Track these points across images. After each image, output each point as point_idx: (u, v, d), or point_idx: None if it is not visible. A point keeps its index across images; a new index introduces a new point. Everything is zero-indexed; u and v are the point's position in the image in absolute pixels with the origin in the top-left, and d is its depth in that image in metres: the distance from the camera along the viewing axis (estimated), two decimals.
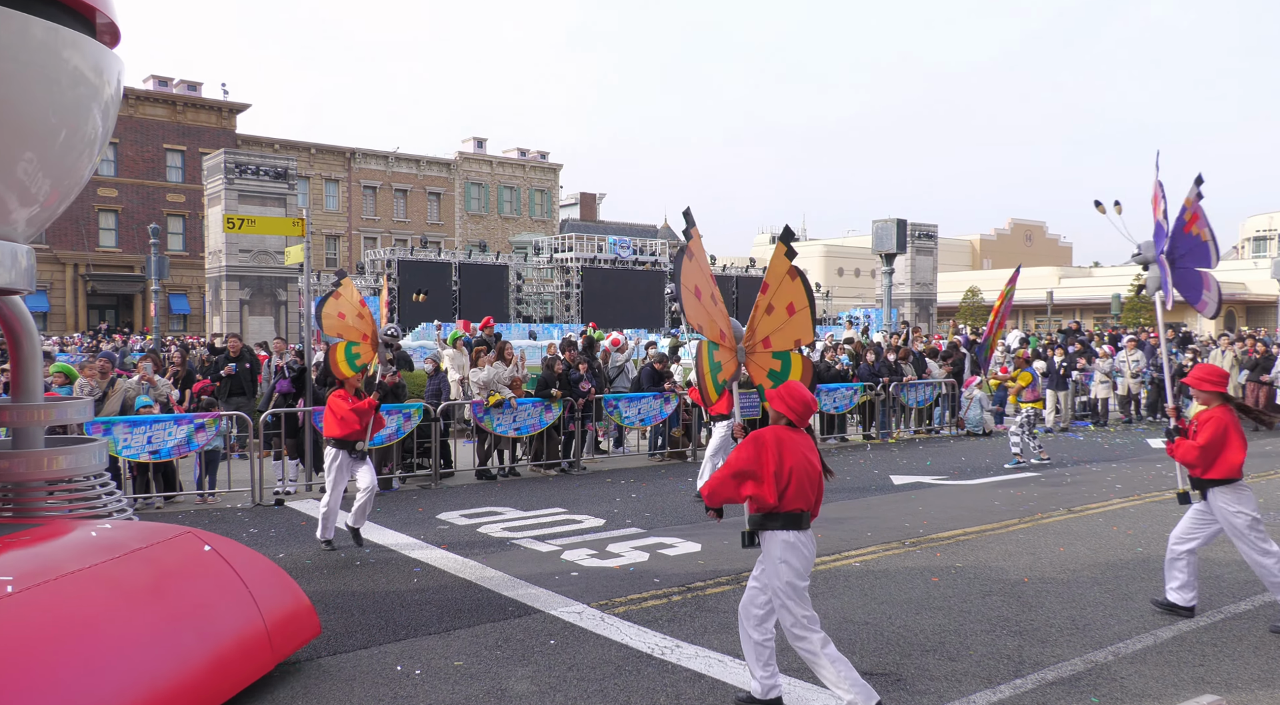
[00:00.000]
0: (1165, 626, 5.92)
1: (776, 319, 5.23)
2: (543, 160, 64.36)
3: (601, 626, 5.93)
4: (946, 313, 58.35)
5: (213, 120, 49.75)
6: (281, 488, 10.82)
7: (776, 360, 5.29)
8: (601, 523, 9.18)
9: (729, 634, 5.76)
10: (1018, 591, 6.71)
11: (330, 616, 6.18)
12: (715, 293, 5.18)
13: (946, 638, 5.71)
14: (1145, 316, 53.86)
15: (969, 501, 10.30)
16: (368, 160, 56.76)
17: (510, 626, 5.97)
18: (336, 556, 7.91)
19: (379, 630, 5.91)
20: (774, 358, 5.29)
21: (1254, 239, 70.45)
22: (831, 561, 7.59)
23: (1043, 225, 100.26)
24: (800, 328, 5.26)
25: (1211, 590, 6.76)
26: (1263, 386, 17.04)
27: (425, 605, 6.45)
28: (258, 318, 26.12)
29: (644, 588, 6.83)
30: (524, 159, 63.35)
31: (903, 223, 20.41)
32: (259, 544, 8.39)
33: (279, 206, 25.82)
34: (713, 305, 5.13)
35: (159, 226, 28.36)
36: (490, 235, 60.18)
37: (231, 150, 27.40)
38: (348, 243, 55.92)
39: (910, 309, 36.20)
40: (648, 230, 68.71)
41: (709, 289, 5.14)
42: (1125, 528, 8.88)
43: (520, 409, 12.12)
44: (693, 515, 9.57)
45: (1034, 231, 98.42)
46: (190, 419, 10.27)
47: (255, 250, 26.05)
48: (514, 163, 62.72)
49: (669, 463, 13.64)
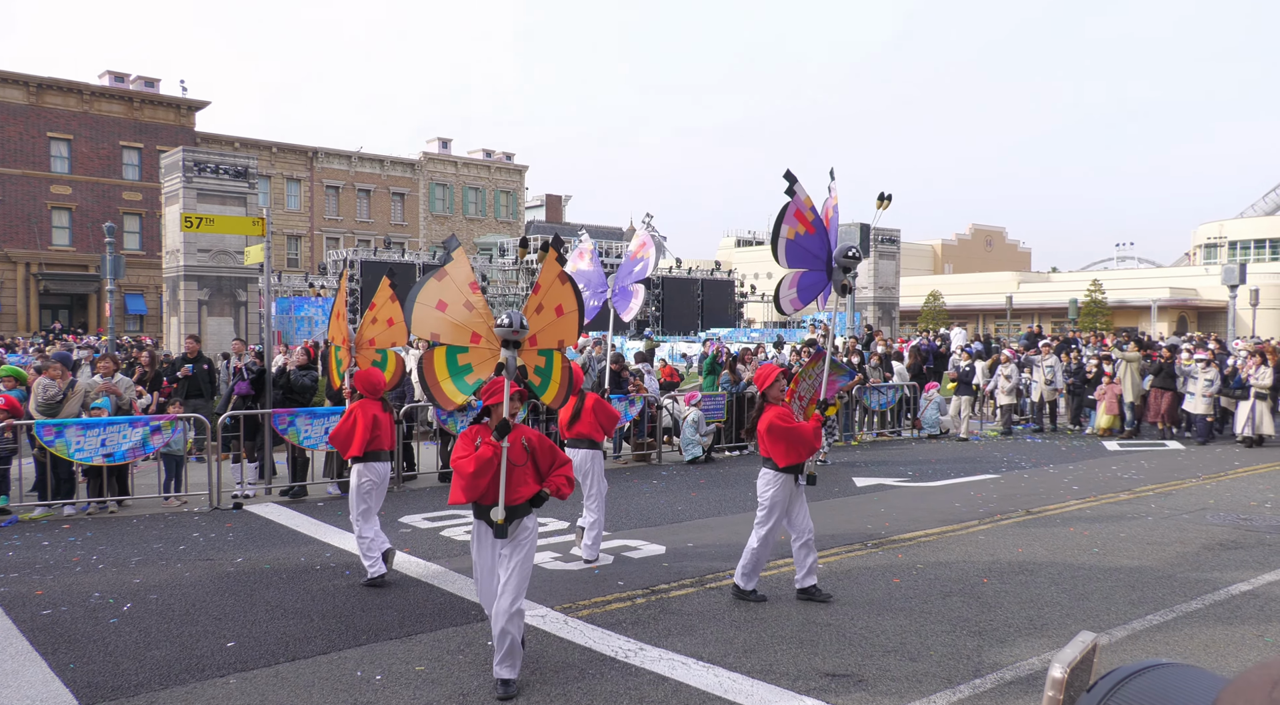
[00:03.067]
0: (1119, 626, 6.03)
1: (544, 318, 5.56)
2: (508, 161, 64.07)
3: (565, 630, 5.90)
4: (909, 316, 59.10)
5: (171, 117, 48.85)
6: (240, 491, 10.65)
7: (541, 357, 5.65)
8: (566, 525, 9.14)
9: (693, 636, 5.77)
10: (977, 592, 6.80)
11: (289, 622, 6.09)
12: (472, 300, 5.36)
13: (907, 638, 5.76)
14: (1100, 321, 54.96)
15: (930, 503, 10.41)
16: (330, 160, 56.10)
17: (473, 630, 5.92)
18: (296, 560, 7.79)
19: (339, 635, 5.83)
20: (539, 355, 5.63)
21: (1205, 246, 72.17)
22: None
23: (1003, 230, 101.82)
24: (566, 329, 5.63)
25: (1165, 590, 6.90)
26: (1166, 393, 16.43)
27: (386, 609, 6.37)
28: (216, 318, 25.66)
29: (608, 590, 6.81)
30: (489, 160, 63.02)
31: (866, 227, 20.59)
32: (216, 548, 8.25)
33: (239, 206, 25.41)
34: (467, 313, 5.35)
35: (114, 225, 27.82)
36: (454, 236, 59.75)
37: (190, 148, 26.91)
38: (309, 243, 55.21)
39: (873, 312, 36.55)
40: (614, 233, 68.69)
41: (462, 299, 5.32)
42: (1082, 529, 9.04)
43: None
44: (657, 518, 9.57)
45: (994, 237, 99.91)
46: (146, 421, 10.07)
47: (214, 250, 25.60)
48: (479, 164, 62.37)
49: (634, 465, 13.63)
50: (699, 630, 5.90)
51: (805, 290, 6.82)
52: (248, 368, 11.15)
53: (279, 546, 8.36)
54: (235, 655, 5.46)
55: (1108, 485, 11.62)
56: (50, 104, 45.32)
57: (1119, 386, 17.06)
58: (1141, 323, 55.60)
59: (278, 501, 10.64)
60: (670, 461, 13.90)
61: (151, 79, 49.05)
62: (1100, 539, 8.60)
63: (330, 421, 10.89)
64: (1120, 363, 17.14)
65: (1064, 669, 1.24)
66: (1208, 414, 16.01)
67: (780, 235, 6.52)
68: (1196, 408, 16.04)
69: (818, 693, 4.88)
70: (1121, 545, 8.31)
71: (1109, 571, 7.42)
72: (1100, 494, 10.97)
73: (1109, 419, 17.05)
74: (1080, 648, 2.98)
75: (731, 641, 5.68)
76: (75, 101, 45.91)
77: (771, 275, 78.80)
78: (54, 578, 7.23)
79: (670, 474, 12.71)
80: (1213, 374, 15.89)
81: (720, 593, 6.76)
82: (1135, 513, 9.81)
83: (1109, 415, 17.03)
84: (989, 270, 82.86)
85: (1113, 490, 11.21)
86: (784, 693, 4.85)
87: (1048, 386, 17.90)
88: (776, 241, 6.53)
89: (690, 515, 9.73)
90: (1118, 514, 9.72)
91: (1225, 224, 69.60)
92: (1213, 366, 15.98)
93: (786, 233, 6.56)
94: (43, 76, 44.84)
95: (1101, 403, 17.23)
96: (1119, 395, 17.05)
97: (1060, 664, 1.23)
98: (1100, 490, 11.23)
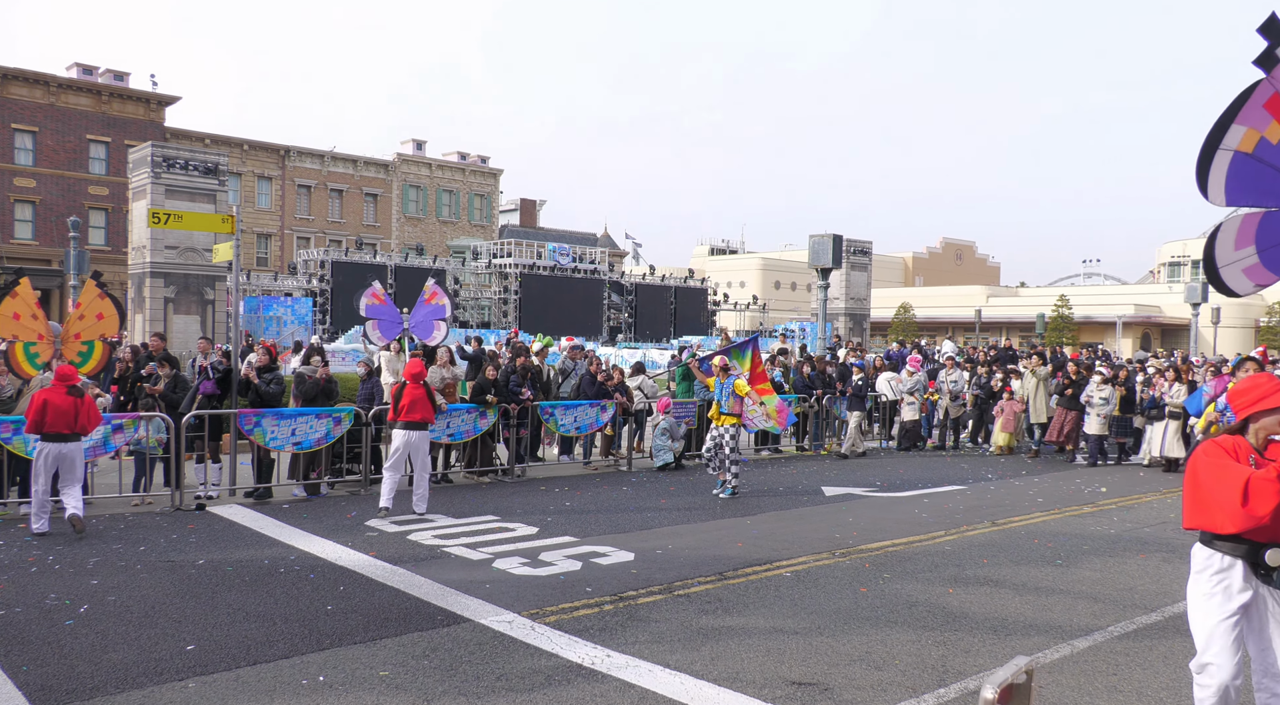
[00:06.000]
0: (1081, 637, 6.11)
1: (88, 322, 9.86)
2: (483, 165, 63.88)
3: (532, 636, 5.88)
4: (880, 328, 59.60)
5: (140, 112, 48.16)
6: (204, 492, 10.50)
7: (85, 346, 9.92)
8: (534, 531, 9.11)
9: (661, 644, 5.77)
10: (942, 602, 6.86)
11: (251, 625, 6.01)
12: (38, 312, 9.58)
13: (873, 647, 5.80)
14: (1067, 335, 55.81)
15: (897, 513, 10.50)
16: (303, 158, 55.60)
17: (438, 636, 5.88)
18: (260, 564, 7.70)
19: (301, 640, 5.76)
20: (83, 344, 9.87)
21: (1169, 264, 73.60)
22: (763, 571, 7.66)
23: (973, 245, 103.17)
24: (107, 327, 10.26)
25: (1125, 602, 7.01)
26: (1071, 412, 15.49)
27: (351, 614, 6.31)
28: (183, 317, 25.33)
29: (576, 597, 6.79)
30: (464, 162, 62.79)
31: (839, 238, 20.72)
32: (178, 550, 8.12)
33: (208, 203, 25.12)
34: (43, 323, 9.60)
35: (79, 219, 27.35)
36: (428, 239, 59.43)
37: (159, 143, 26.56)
38: (280, 242, 54.65)
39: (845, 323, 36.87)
40: (588, 238, 68.72)
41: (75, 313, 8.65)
42: (1045, 541, 9.16)
43: (454, 415, 11.97)
44: (627, 524, 9.56)
45: (964, 251, 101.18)
46: (109, 419, 9.90)
47: (182, 247, 25.29)
48: (454, 166, 62.11)
49: (604, 471, 13.61)
50: (666, 637, 5.90)
51: None
52: (213, 367, 11.01)
53: (242, 548, 8.25)
54: (195, 659, 5.38)
55: (1072, 498, 11.78)
56: (15, 95, 44.52)
57: (1018, 404, 16.36)
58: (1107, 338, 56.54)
59: (242, 503, 10.50)
60: (640, 468, 13.89)
61: (121, 72, 48.37)
62: (1064, 551, 8.72)
63: (298, 422, 10.79)
64: (1028, 378, 16.35)
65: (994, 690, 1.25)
66: (1101, 434, 15.20)
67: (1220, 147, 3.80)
68: (1091, 428, 15.24)
69: (784, 701, 4.90)
70: (1084, 557, 8.43)
71: (1071, 583, 7.52)
72: (1064, 507, 11.12)
73: (1006, 437, 16.34)
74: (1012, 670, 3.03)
75: (699, 649, 5.68)
76: (41, 93, 45.13)
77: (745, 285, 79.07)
78: (8, 578, 7.08)
79: (640, 480, 12.71)
80: (1108, 392, 15.07)
81: (688, 600, 6.77)
82: (1098, 525, 9.96)
83: (1005, 433, 16.33)
84: (959, 284, 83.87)
85: (1077, 503, 11.37)
86: (750, 700, 4.86)
87: (953, 402, 17.16)
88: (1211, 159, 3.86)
89: (660, 522, 9.73)
90: (1081, 527, 9.86)
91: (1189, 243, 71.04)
92: (1109, 385, 15.13)
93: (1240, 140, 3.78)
94: (8, 67, 44.07)
95: (999, 419, 16.47)
96: (1018, 412, 16.36)
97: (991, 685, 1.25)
98: (1064, 503, 11.39)
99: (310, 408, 11.09)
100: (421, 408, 9.78)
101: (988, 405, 17.18)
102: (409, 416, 9.74)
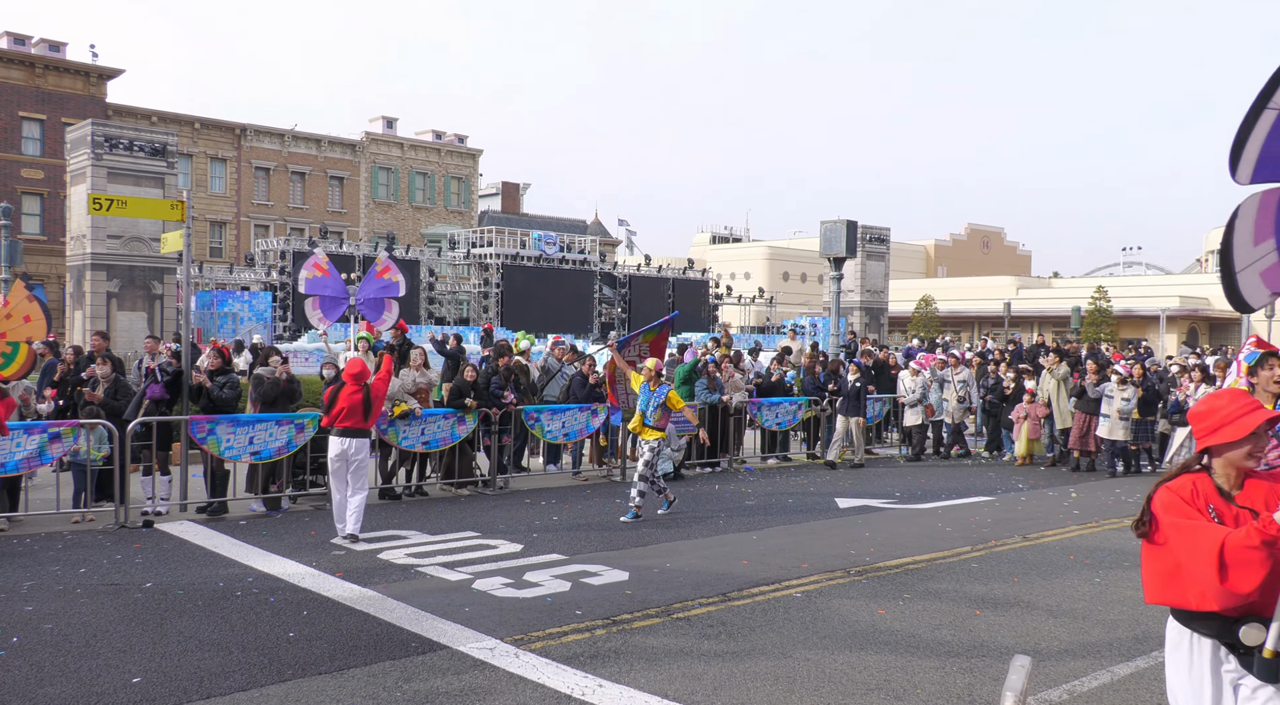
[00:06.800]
0: (1122, 663, 6.13)
1: (15, 322, 9.86)
2: (460, 145, 63.88)
3: (515, 664, 5.88)
4: (899, 323, 59.74)
5: (79, 86, 48.04)
6: (151, 507, 10.47)
7: (10, 347, 9.76)
8: (518, 548, 9.11)
9: (658, 671, 5.76)
10: (969, 625, 6.87)
11: (204, 654, 6.00)
12: None
13: (893, 675, 5.81)
14: (1105, 331, 55.97)
15: (918, 527, 10.51)
16: (261, 138, 55.54)
17: (412, 665, 5.87)
18: (214, 586, 7.68)
19: (261, 670, 5.75)
20: (7, 345, 9.73)
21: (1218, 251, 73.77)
22: (771, 591, 7.66)
23: (1001, 231, 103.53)
24: (34, 330, 10.08)
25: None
26: (1091, 417, 15.12)
27: (316, 641, 6.30)
28: (128, 313, 25.26)
29: (564, 620, 6.79)
30: (439, 142, 62.77)
31: (853, 224, 20.79)
32: (123, 572, 8.10)
33: (155, 187, 25.07)
34: None
35: (10, 206, 27.28)
36: (400, 226, 59.41)
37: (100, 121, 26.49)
38: (235, 230, 54.59)
39: (860, 318, 36.97)
40: (576, 225, 68.77)
41: None
42: (1082, 557, 9.18)
43: (429, 420, 11.96)
44: (620, 541, 9.56)
45: (991, 238, 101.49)
46: (43, 427, 9.87)
47: (126, 236, 25.23)
48: (428, 146, 62.09)
49: (596, 482, 13.61)
50: (665, 665, 5.90)
51: None
52: (161, 368, 10.97)
53: (194, 569, 8.23)
54: (141, 692, 5.36)
55: (1111, 510, 11.81)
56: None
57: (1041, 407, 15.88)
58: (1149, 334, 56.73)
59: (194, 519, 10.48)
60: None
61: (57, 43, 48.25)
62: (1102, 568, 8.74)
63: (256, 430, 10.77)
64: (1046, 379, 15.99)
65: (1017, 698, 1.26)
66: (1125, 441, 14.89)
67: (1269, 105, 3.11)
68: (1111, 433, 14.85)
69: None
70: (1126, 575, 8.44)
71: (1112, 604, 7.54)
72: (1103, 519, 11.15)
73: (1028, 444, 15.91)
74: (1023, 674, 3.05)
75: (700, 677, 5.68)
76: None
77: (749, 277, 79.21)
78: None
79: None
80: (1129, 393, 14.69)
81: (689, 623, 6.77)
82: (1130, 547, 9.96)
83: (1029, 440, 15.87)
84: (986, 274, 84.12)
85: (1116, 515, 11.40)
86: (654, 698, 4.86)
87: (959, 405, 16.86)
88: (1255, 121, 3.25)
89: (657, 538, 9.74)
90: (1121, 541, 9.88)
91: None
92: (1130, 385, 14.75)
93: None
94: None
95: (1021, 426, 15.96)
96: (1044, 417, 15.88)
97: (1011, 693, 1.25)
98: (1103, 515, 11.42)
99: (270, 413, 11.07)
100: (359, 414, 9.50)
101: (1000, 409, 16.77)
102: (345, 422, 9.50)
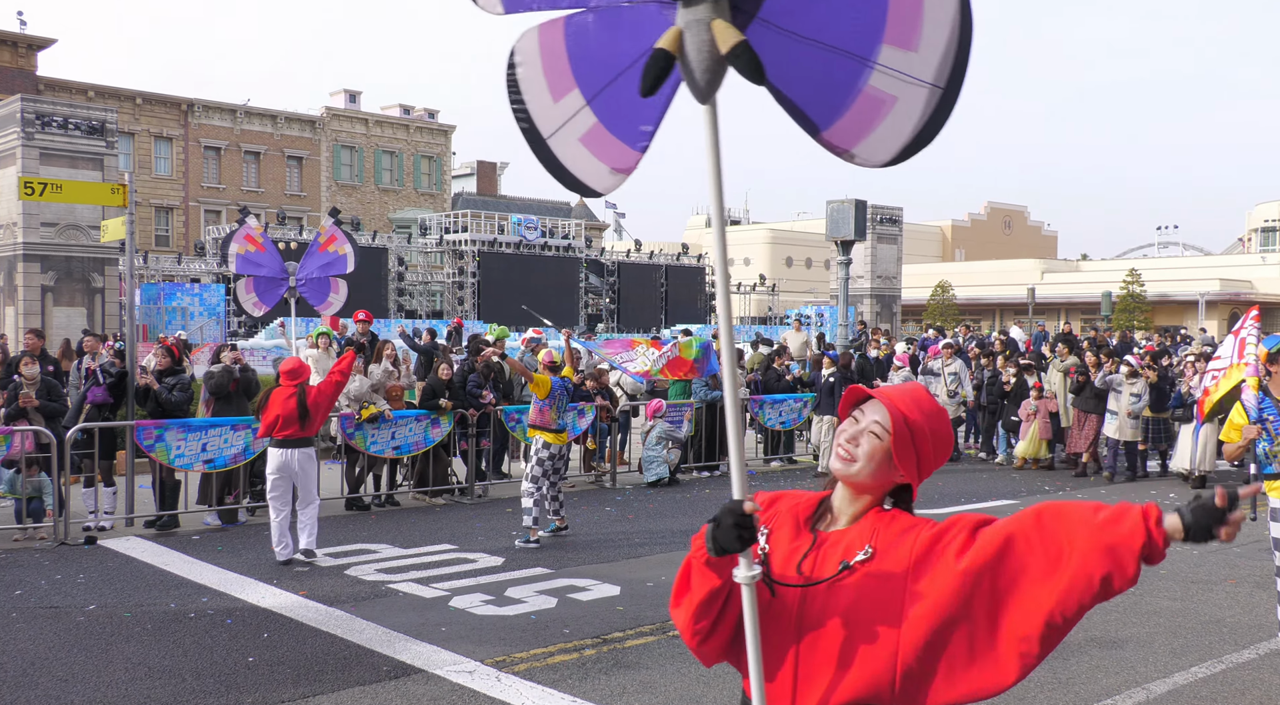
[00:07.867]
0: (1159, 680, 6.17)
1: None
2: (431, 120, 63.77)
3: (497, 688, 5.90)
4: (913, 311, 59.88)
5: (5, 58, 47.77)
6: (94, 522, 10.45)
7: None
8: (499, 562, 9.13)
9: (652, 694, 5.79)
10: None
11: (154, 683, 6.00)
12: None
13: None
14: (1139, 318, 56.20)
15: None
16: (210, 114, 55.32)
17: (384, 690, 5.89)
18: (165, 608, 7.68)
19: (218, 698, 5.76)
20: None
21: (1262, 230, 74.06)
22: None
23: (1024, 210, 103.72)
24: None
25: (1211, 636, 7.07)
26: (1091, 416, 14.76)
27: (278, 666, 6.31)
28: (65, 308, 25.17)
29: (550, 640, 6.81)
30: (408, 118, 62.64)
31: (862, 204, 20.75)
32: (63, 593, 8.09)
33: (94, 170, 24.96)
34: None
35: None
36: (365, 211, 59.29)
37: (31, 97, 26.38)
38: (184, 216, 54.41)
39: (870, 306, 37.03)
40: (559, 208, 68.68)
41: None
42: None
43: (400, 423, 11.96)
44: (611, 552, 9.59)
45: (1014, 217, 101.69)
46: None
47: (62, 224, 25.12)
48: (395, 122, 61.95)
49: (584, 489, 13.64)
50: (659, 687, 5.92)
51: None
52: (103, 369, 10.95)
53: (143, 589, 8.23)
54: None
55: None
56: None
57: (1052, 401, 15.26)
58: (1187, 320, 56.96)
59: (142, 534, 10.46)
60: (628, 483, 13.93)
61: None
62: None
63: (209, 436, 10.75)
64: (1053, 372, 15.70)
65: None
66: (1134, 440, 14.48)
67: None
68: (1120, 432, 14.47)
69: None
70: (1161, 583, 8.50)
71: (1146, 615, 7.59)
72: None
73: (1035, 445, 15.33)
74: None
75: (699, 700, 5.71)
76: None
77: (750, 263, 79.26)
78: None
79: (627, 498, 12.75)
80: (1139, 387, 14.28)
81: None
82: (1177, 546, 10.02)
83: (1032, 441, 15.32)
84: (1007, 257, 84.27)
85: None
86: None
87: (950, 400, 16.49)
88: None
89: (651, 549, 9.76)
90: None
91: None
92: (1139, 378, 14.32)
93: None
94: None
95: (1030, 425, 15.29)
96: (1052, 413, 15.25)
97: None
98: None
99: (224, 418, 11.05)
100: (295, 421, 9.06)
101: (1000, 406, 16.26)
102: (284, 432, 9.07)
